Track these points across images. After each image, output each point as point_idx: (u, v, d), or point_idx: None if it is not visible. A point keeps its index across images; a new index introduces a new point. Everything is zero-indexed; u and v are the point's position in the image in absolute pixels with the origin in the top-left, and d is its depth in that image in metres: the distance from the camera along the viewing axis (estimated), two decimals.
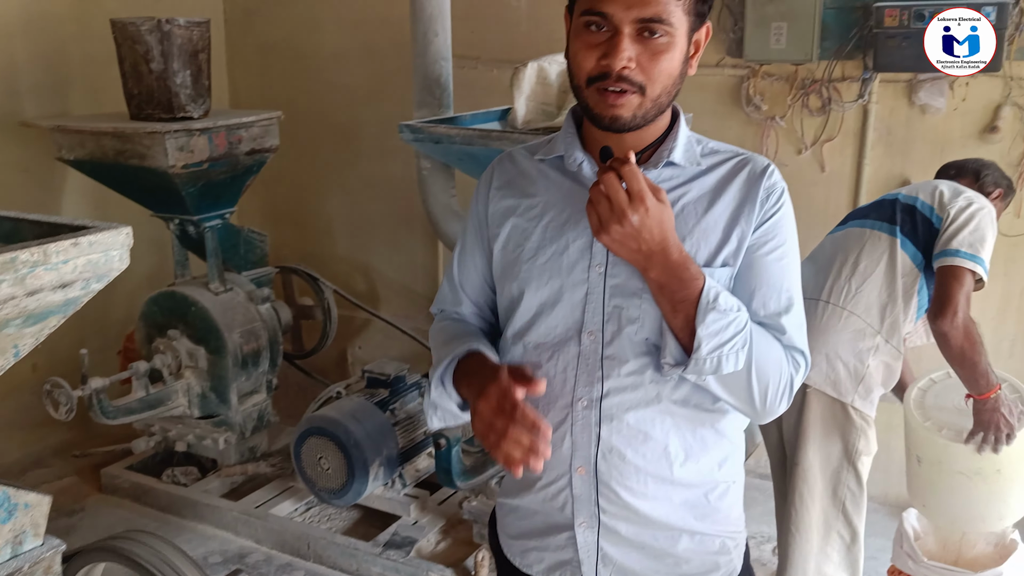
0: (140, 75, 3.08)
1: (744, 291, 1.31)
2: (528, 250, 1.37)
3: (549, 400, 1.36)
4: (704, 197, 1.32)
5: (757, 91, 3.36)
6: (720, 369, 1.24)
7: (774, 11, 3.14)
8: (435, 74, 2.98)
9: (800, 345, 1.34)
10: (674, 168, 1.33)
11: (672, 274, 1.21)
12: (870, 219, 2.47)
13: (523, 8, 3.72)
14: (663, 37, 1.21)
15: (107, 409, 3.02)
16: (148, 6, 3.89)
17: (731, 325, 1.23)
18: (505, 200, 1.42)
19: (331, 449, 2.91)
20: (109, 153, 3.07)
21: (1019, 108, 3.01)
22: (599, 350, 1.32)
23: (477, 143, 2.60)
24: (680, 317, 1.24)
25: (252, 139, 3.25)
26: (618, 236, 1.18)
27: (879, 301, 2.37)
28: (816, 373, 2.34)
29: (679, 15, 1.21)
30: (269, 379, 3.50)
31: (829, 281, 2.41)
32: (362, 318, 4.27)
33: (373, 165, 4.17)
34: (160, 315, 3.33)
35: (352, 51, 4.13)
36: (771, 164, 1.35)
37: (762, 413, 1.32)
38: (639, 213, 1.16)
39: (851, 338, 2.35)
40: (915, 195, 2.43)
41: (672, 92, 1.27)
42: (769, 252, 1.31)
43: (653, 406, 1.33)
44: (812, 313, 2.37)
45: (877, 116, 3.23)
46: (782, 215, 1.32)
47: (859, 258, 2.40)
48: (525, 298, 1.37)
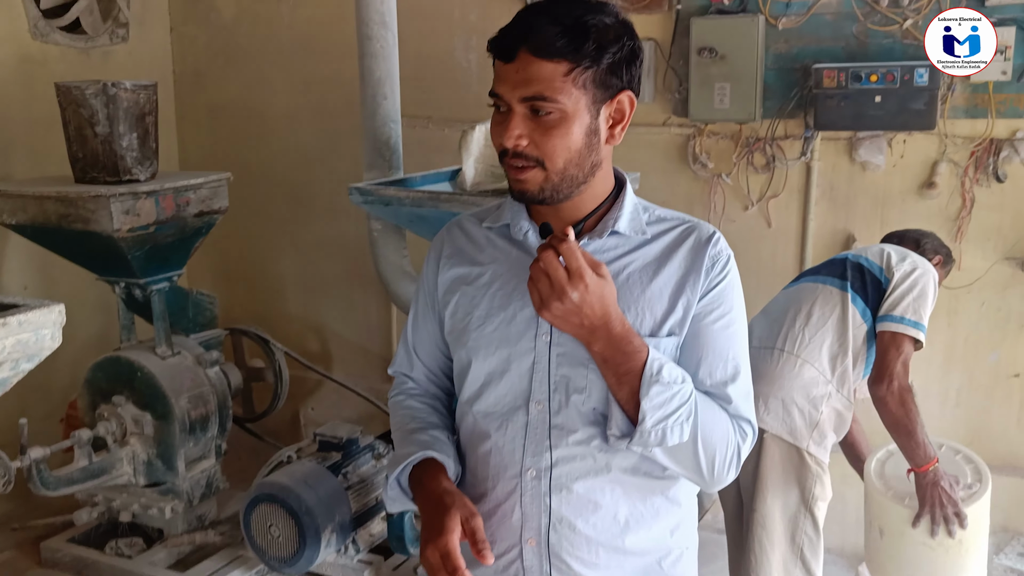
0: (85, 138, 3.04)
1: (690, 360, 1.31)
2: (476, 319, 1.37)
3: (499, 470, 1.36)
4: (649, 266, 1.32)
5: (703, 149, 3.43)
6: (665, 441, 1.23)
7: (717, 72, 3.22)
8: (384, 136, 3.00)
9: (746, 414, 1.34)
10: (619, 237, 1.34)
11: (615, 347, 1.22)
12: (822, 275, 2.56)
13: (473, 69, 3.77)
14: (552, 114, 1.21)
15: (47, 480, 2.92)
16: (95, 68, 3.88)
17: (675, 397, 1.23)
18: (454, 268, 1.43)
19: (282, 516, 2.84)
20: (52, 217, 3.01)
21: (954, 164, 3.11)
22: (547, 419, 1.32)
23: (427, 205, 2.61)
24: (625, 389, 1.24)
25: (200, 201, 3.22)
26: (559, 313, 1.18)
27: (830, 351, 2.43)
28: (773, 419, 2.38)
29: (570, 91, 1.20)
30: (218, 444, 3.41)
31: (783, 330, 2.47)
32: (315, 379, 4.21)
33: (325, 224, 4.16)
34: (105, 381, 3.24)
35: (303, 111, 4.14)
36: (716, 232, 1.35)
37: (710, 482, 1.31)
38: (579, 290, 1.17)
39: (804, 385, 2.41)
40: (864, 255, 2.53)
41: (584, 165, 1.26)
42: (715, 321, 1.32)
43: (602, 475, 1.32)
44: (767, 361, 2.42)
45: (820, 173, 3.31)
46: (727, 283, 1.33)
47: (812, 310, 2.48)
48: (473, 367, 1.37)
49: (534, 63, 1.20)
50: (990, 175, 3.07)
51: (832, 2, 3.14)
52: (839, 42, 3.15)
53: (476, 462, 1.40)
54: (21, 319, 1.07)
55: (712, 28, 3.21)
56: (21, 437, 2.82)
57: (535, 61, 1.20)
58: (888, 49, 3.08)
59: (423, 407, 1.49)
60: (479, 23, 3.71)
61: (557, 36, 1.18)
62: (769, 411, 2.38)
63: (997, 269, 3.13)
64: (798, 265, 3.37)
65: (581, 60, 1.20)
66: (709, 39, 3.21)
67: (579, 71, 1.20)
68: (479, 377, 1.37)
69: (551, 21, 1.19)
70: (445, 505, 1.28)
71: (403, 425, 1.46)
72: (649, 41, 3.38)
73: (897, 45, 3.07)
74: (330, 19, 3.95)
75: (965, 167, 3.09)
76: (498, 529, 1.36)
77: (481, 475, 1.39)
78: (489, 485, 1.37)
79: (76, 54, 3.85)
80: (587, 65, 1.20)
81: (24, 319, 1.08)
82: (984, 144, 3.05)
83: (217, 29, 4.27)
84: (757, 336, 2.50)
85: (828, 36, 3.16)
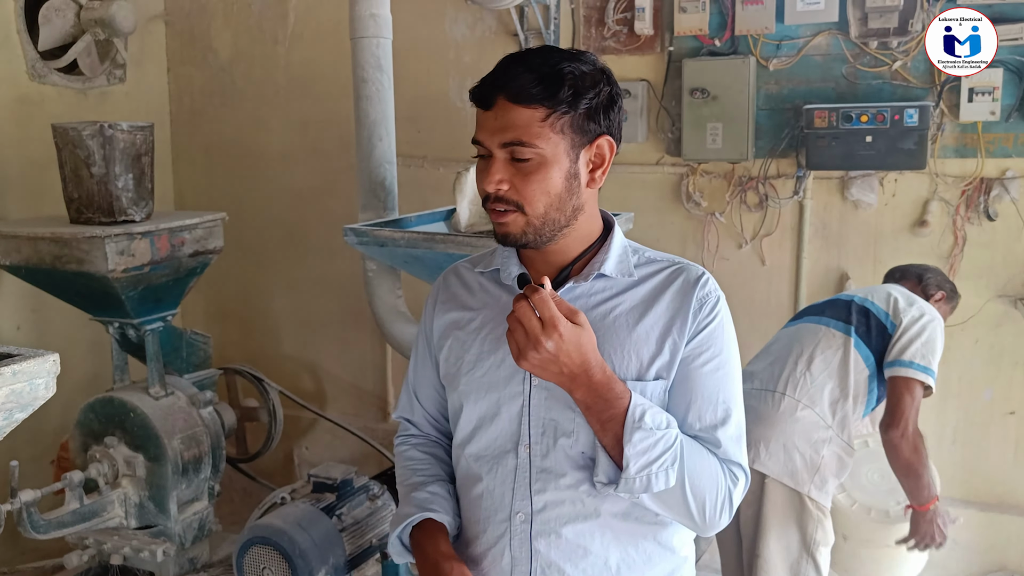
0: (81, 179, 3.05)
1: (679, 404, 1.31)
2: (467, 363, 1.39)
3: (489, 513, 1.37)
4: (636, 308, 1.33)
5: (696, 188, 3.45)
6: (650, 487, 1.23)
7: (709, 113, 3.26)
8: (380, 177, 3.01)
9: (737, 458, 1.32)
10: (606, 280, 1.35)
11: (596, 394, 1.22)
12: (825, 316, 2.53)
13: (468, 110, 3.80)
14: (531, 159, 1.24)
15: (38, 523, 2.88)
16: (92, 108, 3.91)
17: (659, 443, 1.22)
18: (449, 314, 1.45)
19: (275, 559, 2.80)
20: (47, 258, 3.01)
21: (946, 203, 3.13)
22: (536, 463, 1.32)
23: (421, 246, 2.61)
24: (610, 435, 1.24)
25: (195, 241, 3.22)
26: (536, 362, 1.19)
27: (831, 396, 2.41)
28: (774, 463, 2.36)
29: (548, 136, 1.23)
30: (211, 485, 3.38)
31: (784, 373, 2.46)
32: (309, 418, 4.19)
33: (320, 264, 4.16)
34: (97, 422, 3.22)
35: (298, 151, 4.17)
36: (706, 274, 1.35)
37: (703, 527, 1.30)
38: (553, 339, 1.17)
39: (805, 429, 2.39)
40: (870, 299, 2.51)
41: (565, 208, 1.28)
42: (704, 363, 1.31)
43: (591, 520, 1.31)
44: (768, 403, 2.41)
45: (812, 211, 3.33)
46: (717, 325, 1.32)
47: (814, 353, 2.46)
48: (465, 410, 1.38)
49: (512, 110, 1.23)
50: (981, 213, 3.10)
51: (822, 44, 3.18)
52: (829, 83, 3.19)
53: (469, 504, 1.41)
54: (15, 369, 1.06)
55: (704, 69, 3.25)
56: (12, 480, 2.79)
57: (512, 108, 1.23)
58: (878, 90, 3.12)
59: (424, 457, 1.51)
60: (474, 65, 3.76)
61: (533, 83, 1.22)
62: (770, 455, 2.36)
63: (990, 307, 3.14)
64: (792, 303, 3.38)
65: (557, 106, 1.23)
66: (701, 80, 3.25)
67: (555, 116, 1.23)
68: (471, 420, 1.38)
69: (528, 69, 1.23)
70: (443, 572, 1.30)
71: (405, 479, 1.48)
72: (642, 82, 3.42)
73: (886, 86, 3.11)
74: (326, 61, 3.99)
75: (956, 206, 3.12)
76: (489, 572, 1.37)
77: (473, 517, 1.40)
78: (480, 528, 1.38)
79: (73, 95, 3.88)
80: (564, 111, 1.23)
81: (18, 369, 1.07)
82: (975, 183, 3.08)
83: (214, 70, 4.31)
84: (758, 378, 2.49)
85: (818, 77, 3.21)
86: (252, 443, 3.90)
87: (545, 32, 3.53)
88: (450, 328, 1.43)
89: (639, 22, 3.34)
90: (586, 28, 3.51)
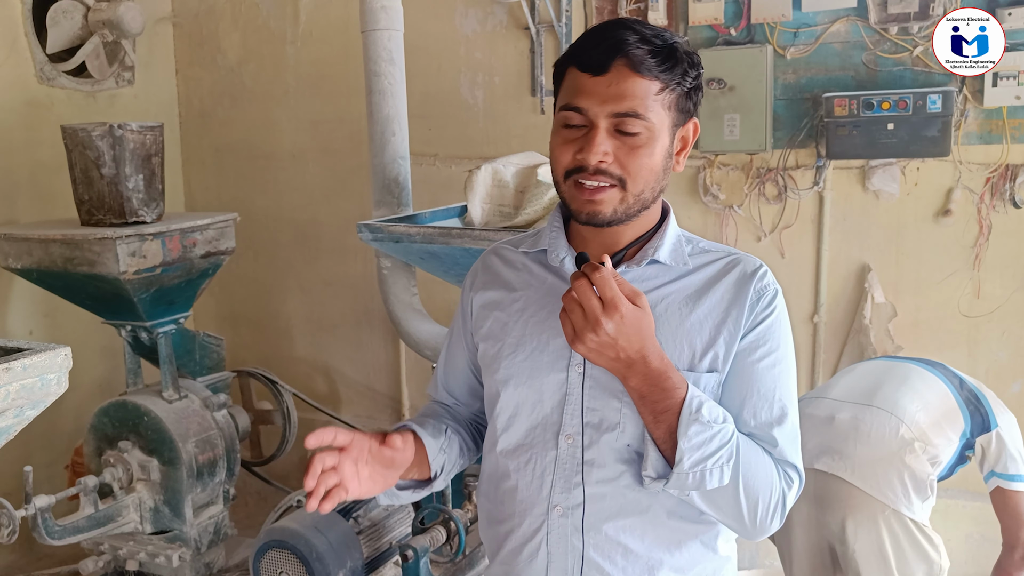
0: (91, 180, 3.02)
1: (734, 400, 1.24)
2: (508, 346, 1.32)
3: (525, 506, 1.29)
4: (690, 297, 1.27)
5: (714, 181, 3.40)
6: (703, 484, 1.17)
7: (726, 104, 3.20)
8: (393, 173, 2.97)
9: (793, 459, 1.26)
10: (659, 267, 1.29)
11: (652, 383, 1.16)
12: (938, 370, 2.46)
13: (479, 106, 3.75)
14: (641, 133, 1.18)
15: (52, 529, 2.85)
16: (101, 111, 3.88)
17: (715, 438, 1.16)
18: (489, 293, 1.39)
19: (292, 563, 2.76)
20: (58, 260, 2.98)
21: (970, 191, 3.07)
22: (577, 455, 1.26)
23: (438, 241, 2.57)
24: (662, 428, 1.17)
25: (207, 242, 3.19)
26: (593, 345, 1.12)
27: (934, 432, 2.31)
28: (884, 488, 2.22)
29: (658, 110, 1.19)
30: (226, 489, 3.35)
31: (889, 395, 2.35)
32: (323, 420, 4.14)
33: (332, 264, 4.12)
34: (111, 426, 3.19)
35: (309, 150, 4.13)
36: (763, 266, 1.29)
37: (752, 531, 1.23)
38: (614, 320, 1.11)
39: (904, 450, 2.25)
40: (975, 385, 2.44)
41: (656, 189, 1.24)
42: (761, 359, 1.25)
43: (633, 517, 1.25)
44: (866, 420, 2.30)
45: (832, 202, 3.27)
46: (775, 319, 1.26)
47: (927, 398, 2.35)
48: (503, 397, 1.32)
49: (630, 78, 1.17)
50: (1007, 201, 3.03)
51: (841, 31, 3.12)
52: (848, 71, 3.13)
53: (503, 496, 1.34)
54: (26, 363, 1.02)
55: (720, 59, 3.20)
56: (26, 485, 2.76)
57: (631, 76, 1.17)
58: (898, 76, 3.06)
59: (434, 407, 1.49)
60: (485, 60, 3.71)
61: (651, 54, 1.17)
62: (878, 480, 2.22)
63: (1017, 297, 3.07)
64: (813, 296, 3.32)
65: (671, 81, 1.19)
66: (717, 70, 3.19)
67: (667, 92, 1.19)
68: (509, 407, 1.31)
69: (643, 40, 1.18)
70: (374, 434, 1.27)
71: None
72: None
73: (907, 72, 3.05)
74: (335, 59, 3.95)
75: (981, 193, 3.05)
76: (524, 570, 1.30)
77: (508, 511, 1.33)
78: (516, 522, 1.31)
79: (82, 97, 3.85)
80: (674, 87, 1.20)
81: (29, 363, 1.03)
82: (1000, 170, 3.01)
83: (223, 71, 4.28)
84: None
85: (837, 65, 3.15)
86: (266, 446, 3.86)
87: (557, 25, 3.49)
88: (489, 307, 1.37)
89: (653, 12, 3.29)
90: (599, 19, 3.46)
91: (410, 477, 1.35)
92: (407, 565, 2.62)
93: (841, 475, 2.23)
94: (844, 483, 2.23)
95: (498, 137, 3.68)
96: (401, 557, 2.63)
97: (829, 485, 2.24)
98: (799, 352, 3.31)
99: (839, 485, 2.23)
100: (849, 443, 2.26)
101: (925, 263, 3.17)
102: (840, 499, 2.23)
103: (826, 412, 2.37)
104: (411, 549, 2.61)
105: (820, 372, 3.36)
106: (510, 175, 2.79)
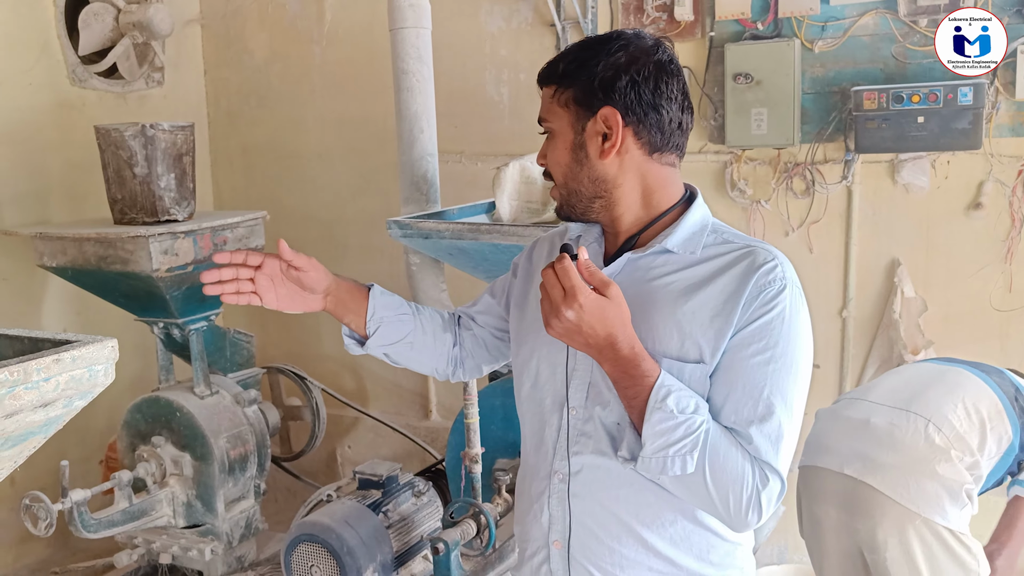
0: (124, 180, 3.06)
1: (719, 392, 1.25)
2: (533, 319, 1.43)
3: (536, 469, 1.42)
4: (691, 287, 1.28)
5: (741, 176, 3.39)
6: (665, 471, 1.20)
7: (753, 98, 3.19)
8: (422, 170, 2.99)
9: (771, 460, 1.22)
10: (669, 255, 1.32)
11: (623, 370, 1.21)
12: (993, 377, 2.40)
13: (505, 103, 3.76)
14: (548, 133, 1.36)
15: (88, 523, 2.90)
16: (131, 111, 3.93)
17: (680, 427, 1.18)
18: (533, 262, 1.53)
19: (323, 556, 2.79)
20: (92, 259, 3.03)
21: (1001, 184, 3.04)
22: (577, 426, 1.34)
23: (467, 237, 2.58)
24: (635, 412, 1.23)
25: (237, 240, 3.23)
26: (560, 330, 1.21)
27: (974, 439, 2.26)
28: (918, 498, 2.17)
29: (556, 110, 1.33)
30: (257, 484, 3.39)
31: (930, 401, 2.30)
32: (351, 417, 4.18)
33: (359, 262, 4.15)
34: (144, 422, 3.23)
35: (335, 149, 4.16)
36: (775, 260, 1.27)
37: (730, 521, 1.24)
38: (573, 309, 1.18)
39: (945, 461, 2.20)
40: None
41: (581, 179, 1.33)
42: (754, 355, 1.23)
43: (625, 488, 1.31)
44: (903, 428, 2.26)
45: (861, 196, 3.24)
46: (775, 316, 1.24)
47: (972, 405, 2.28)
48: (528, 368, 1.43)
49: (543, 91, 1.37)
50: None
51: (869, 24, 3.10)
52: (877, 64, 3.11)
53: (528, 454, 1.46)
54: (75, 355, 1.05)
55: (747, 54, 3.19)
56: (62, 480, 2.81)
57: (542, 91, 1.37)
58: (928, 69, 3.03)
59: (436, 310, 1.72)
60: (510, 57, 3.72)
61: (550, 65, 1.35)
62: (909, 488, 2.17)
63: None
64: (842, 291, 3.30)
65: (562, 82, 1.32)
66: (744, 65, 3.18)
67: (560, 92, 1.32)
68: (530, 375, 1.43)
69: (560, 57, 1.35)
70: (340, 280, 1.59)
71: None
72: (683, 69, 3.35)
73: (937, 65, 3.01)
74: (362, 59, 3.97)
75: (1013, 186, 3.02)
76: (531, 527, 1.41)
77: (524, 472, 1.47)
78: (528, 483, 1.44)
79: (113, 98, 3.90)
80: (566, 87, 1.32)
81: (78, 355, 1.06)
82: None
83: (250, 71, 4.32)
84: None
85: (865, 58, 3.13)
86: (296, 442, 3.90)
87: (583, 21, 3.49)
88: (529, 279, 1.50)
89: (679, 7, 3.29)
90: (624, 16, 3.46)
91: (348, 324, 1.64)
92: (438, 558, 2.63)
93: (870, 482, 2.19)
94: (874, 490, 2.18)
95: (523, 134, 3.69)
96: (432, 550, 2.65)
97: (859, 492, 2.20)
98: (827, 348, 3.31)
99: (869, 492, 2.19)
100: (882, 449, 2.21)
101: (956, 257, 3.14)
102: (870, 506, 2.20)
103: (862, 415, 2.32)
104: (442, 542, 2.62)
105: (848, 368, 3.34)
106: (538, 171, 2.80)
